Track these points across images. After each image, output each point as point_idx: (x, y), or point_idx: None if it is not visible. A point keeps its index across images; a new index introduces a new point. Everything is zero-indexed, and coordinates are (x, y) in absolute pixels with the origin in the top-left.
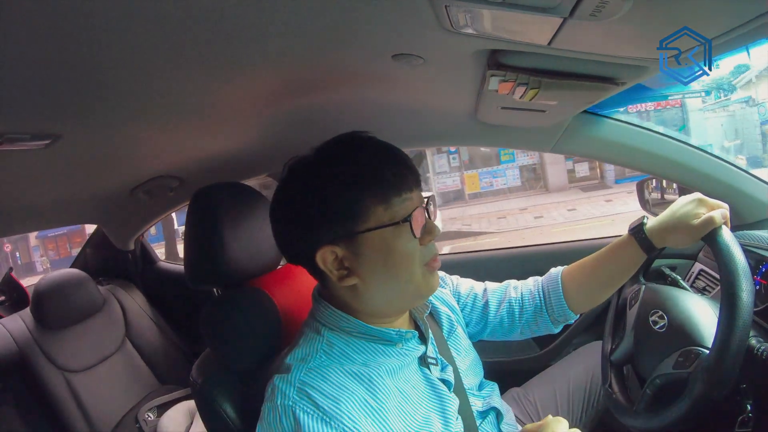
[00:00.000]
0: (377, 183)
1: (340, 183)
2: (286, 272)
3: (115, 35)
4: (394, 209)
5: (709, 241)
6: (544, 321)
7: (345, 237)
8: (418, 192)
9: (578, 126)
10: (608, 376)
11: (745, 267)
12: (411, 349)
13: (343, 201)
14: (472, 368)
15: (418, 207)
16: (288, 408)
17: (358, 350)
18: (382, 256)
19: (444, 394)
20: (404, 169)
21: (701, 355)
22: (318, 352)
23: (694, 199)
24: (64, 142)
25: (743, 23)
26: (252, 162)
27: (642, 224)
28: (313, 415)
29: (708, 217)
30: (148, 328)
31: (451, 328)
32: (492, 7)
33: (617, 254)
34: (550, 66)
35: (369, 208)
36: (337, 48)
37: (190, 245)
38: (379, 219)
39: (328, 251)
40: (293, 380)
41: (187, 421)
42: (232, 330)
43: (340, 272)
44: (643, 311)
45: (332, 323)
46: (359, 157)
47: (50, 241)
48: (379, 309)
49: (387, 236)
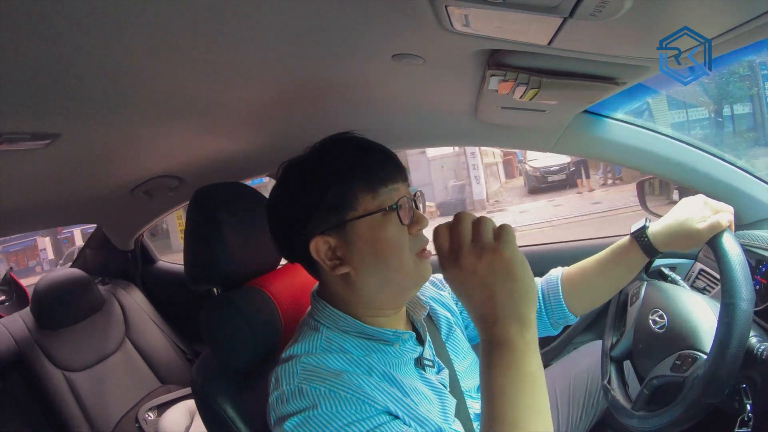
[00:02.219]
0: (364, 174)
1: (330, 175)
2: (286, 272)
3: (115, 35)
4: (382, 198)
5: (711, 245)
6: (543, 323)
7: (336, 226)
8: (404, 186)
9: (578, 126)
10: (607, 371)
11: (747, 274)
12: (408, 350)
13: (333, 191)
14: (470, 370)
15: (404, 197)
16: (295, 387)
17: (356, 347)
18: (372, 244)
19: (443, 392)
20: (390, 163)
21: (698, 360)
22: (317, 347)
23: (698, 202)
24: (63, 141)
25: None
26: (252, 162)
27: (644, 228)
28: (319, 387)
29: (714, 222)
30: (148, 328)
31: (449, 330)
32: (492, 7)
33: (618, 258)
34: (550, 66)
35: (357, 197)
36: (337, 48)
37: (190, 245)
38: (367, 207)
39: (321, 241)
40: (296, 364)
41: (187, 421)
42: (232, 330)
43: (333, 262)
44: (644, 309)
45: (330, 322)
46: (348, 151)
47: (12, 255)
48: (373, 299)
49: (375, 224)
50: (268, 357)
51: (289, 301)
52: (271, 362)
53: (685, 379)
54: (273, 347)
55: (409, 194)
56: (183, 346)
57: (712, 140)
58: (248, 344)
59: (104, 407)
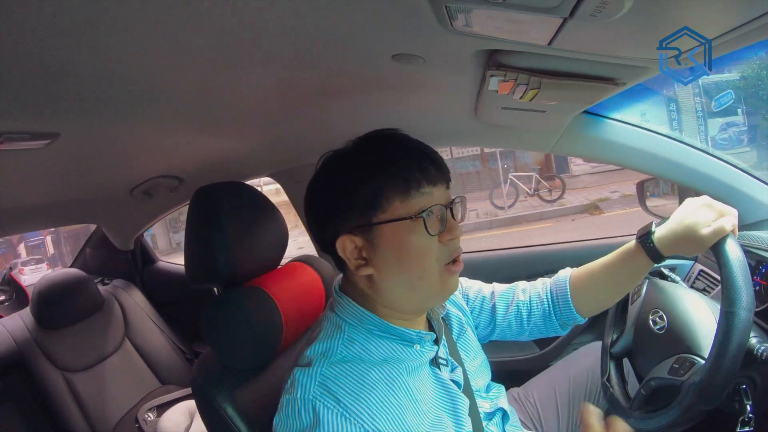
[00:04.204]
0: (397, 174)
1: (362, 172)
2: (286, 272)
3: (115, 35)
4: (412, 203)
5: (714, 250)
6: (552, 324)
7: (363, 226)
8: (443, 189)
9: (578, 126)
10: (607, 369)
11: (748, 281)
12: (426, 351)
13: (363, 190)
14: (480, 370)
15: (437, 204)
16: (308, 402)
17: (378, 348)
18: (396, 250)
19: (455, 393)
20: (429, 163)
21: (696, 365)
22: (339, 347)
23: (702, 204)
24: (63, 141)
25: (743, 23)
26: (252, 162)
27: (650, 232)
28: (333, 410)
29: (718, 227)
30: (148, 328)
31: (460, 329)
32: (492, 7)
33: (625, 262)
34: (550, 66)
35: (387, 199)
36: (336, 48)
37: (190, 244)
38: (396, 212)
39: (348, 240)
40: (315, 374)
41: (187, 421)
42: (232, 329)
43: (358, 261)
44: (645, 309)
45: (354, 320)
46: (384, 149)
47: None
48: (395, 304)
49: (402, 230)
50: (268, 357)
51: (290, 301)
52: (272, 362)
53: (682, 383)
54: (274, 347)
55: (447, 199)
56: (183, 346)
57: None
58: (248, 344)
59: (104, 407)
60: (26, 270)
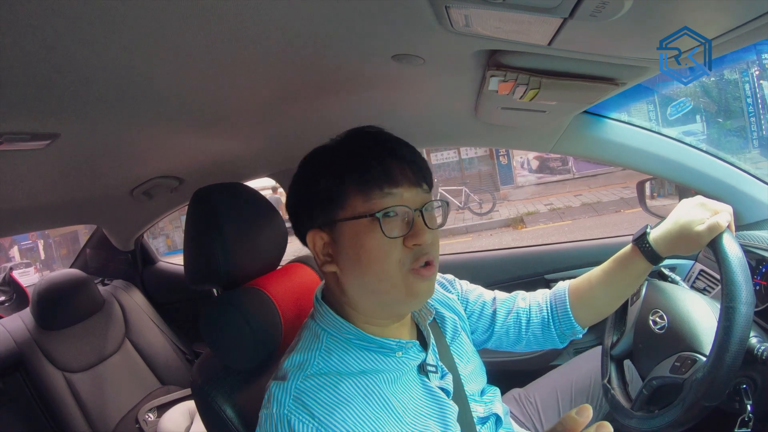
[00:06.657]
0: (359, 173)
1: (326, 169)
2: (286, 272)
3: (115, 35)
4: (373, 202)
5: (711, 247)
6: (550, 336)
7: (328, 223)
8: (412, 190)
9: (578, 126)
10: (607, 370)
11: (747, 276)
12: (411, 358)
13: (326, 187)
14: (475, 374)
15: (402, 206)
16: (283, 417)
17: (357, 358)
18: (355, 249)
19: (443, 401)
20: (396, 163)
21: (697, 362)
22: (315, 358)
23: (696, 204)
24: (63, 141)
25: (743, 23)
26: (252, 163)
27: (645, 234)
28: (308, 425)
29: (713, 223)
30: (148, 328)
31: (454, 333)
32: (492, 8)
33: (623, 267)
34: (550, 66)
35: (349, 197)
36: (337, 48)
37: (190, 245)
38: (355, 210)
39: (317, 235)
40: (289, 388)
41: (187, 422)
42: (232, 330)
43: (324, 258)
44: (644, 309)
45: (332, 328)
46: (350, 147)
47: None
48: (361, 307)
49: (360, 229)
50: (268, 357)
51: (290, 302)
52: (272, 363)
53: (684, 381)
54: (273, 348)
55: (419, 203)
56: (183, 347)
57: None
58: (248, 345)
59: (104, 408)
60: (14, 274)
